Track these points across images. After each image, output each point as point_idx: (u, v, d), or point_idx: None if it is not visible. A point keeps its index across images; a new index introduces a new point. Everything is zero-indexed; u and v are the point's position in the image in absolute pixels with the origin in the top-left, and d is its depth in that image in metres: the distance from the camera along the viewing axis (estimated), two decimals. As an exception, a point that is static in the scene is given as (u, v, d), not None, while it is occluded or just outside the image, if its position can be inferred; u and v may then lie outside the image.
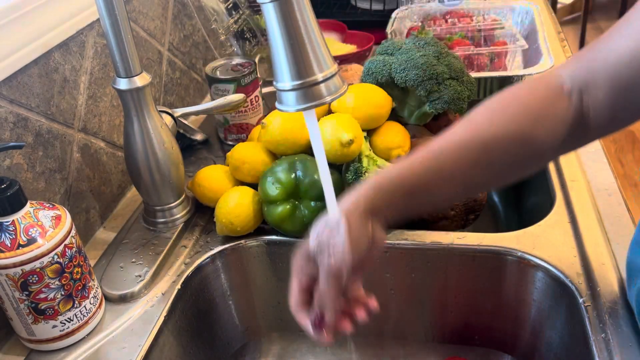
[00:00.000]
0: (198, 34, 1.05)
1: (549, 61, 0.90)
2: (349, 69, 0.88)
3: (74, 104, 0.71)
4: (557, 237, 0.66)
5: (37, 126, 0.65)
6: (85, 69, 0.73)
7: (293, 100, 0.47)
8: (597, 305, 0.58)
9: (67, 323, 0.58)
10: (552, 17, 1.25)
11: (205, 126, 0.98)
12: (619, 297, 0.58)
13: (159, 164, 0.69)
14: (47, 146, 0.66)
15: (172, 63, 0.95)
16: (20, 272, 0.53)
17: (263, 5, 0.45)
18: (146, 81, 0.65)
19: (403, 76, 0.75)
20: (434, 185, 0.50)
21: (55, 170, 0.68)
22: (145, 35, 0.87)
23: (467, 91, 0.76)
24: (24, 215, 0.54)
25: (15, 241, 0.53)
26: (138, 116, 0.66)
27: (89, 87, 0.74)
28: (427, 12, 1.13)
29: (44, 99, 0.66)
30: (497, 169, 0.51)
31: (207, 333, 0.72)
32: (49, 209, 0.57)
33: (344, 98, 0.75)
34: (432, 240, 0.69)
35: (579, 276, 0.61)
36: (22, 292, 0.54)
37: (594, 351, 0.54)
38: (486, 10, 1.11)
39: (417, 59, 0.74)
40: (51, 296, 0.56)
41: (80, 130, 0.72)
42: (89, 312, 0.60)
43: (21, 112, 0.62)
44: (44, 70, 0.65)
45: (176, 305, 0.65)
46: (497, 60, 0.97)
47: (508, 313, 0.70)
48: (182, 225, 0.73)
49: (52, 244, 0.54)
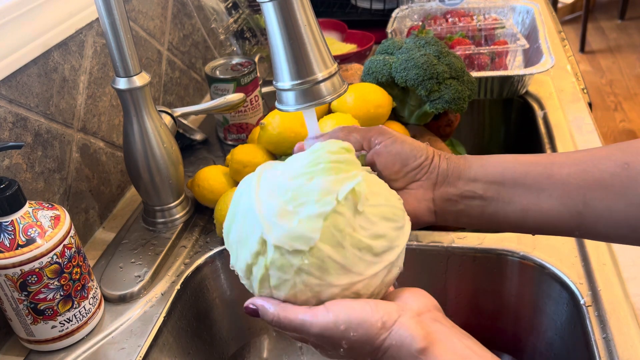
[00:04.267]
0: (198, 34, 1.04)
1: (549, 61, 0.89)
2: (349, 69, 0.88)
3: (73, 104, 0.71)
4: (558, 238, 0.66)
5: (36, 126, 0.64)
6: (84, 68, 0.73)
7: (293, 100, 0.47)
8: (598, 306, 0.57)
9: (66, 323, 0.58)
10: (553, 17, 1.25)
11: (204, 126, 0.98)
12: (621, 297, 0.58)
13: (159, 164, 0.69)
14: (46, 146, 0.66)
15: (172, 63, 0.95)
16: (20, 272, 0.53)
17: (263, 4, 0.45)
18: (145, 81, 0.65)
19: (403, 76, 0.74)
20: (539, 188, 0.43)
21: (54, 170, 0.68)
22: (145, 34, 0.87)
23: (468, 91, 0.76)
24: (23, 215, 0.54)
25: (14, 241, 0.52)
26: (137, 116, 0.66)
27: (88, 87, 0.74)
28: (427, 11, 1.13)
29: (43, 98, 0.65)
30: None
31: (206, 333, 0.72)
32: (48, 209, 0.56)
33: (344, 97, 0.74)
34: (432, 240, 0.68)
35: (579, 277, 0.61)
36: (21, 293, 0.54)
37: (595, 352, 0.54)
38: (487, 10, 1.11)
39: (417, 59, 0.74)
40: (50, 296, 0.55)
41: (79, 130, 0.72)
42: (88, 312, 0.60)
43: (20, 111, 0.62)
44: (43, 70, 0.65)
45: (176, 306, 0.65)
46: (497, 60, 0.97)
47: (508, 314, 0.70)
48: (182, 226, 0.73)
49: (51, 244, 0.54)
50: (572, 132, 0.84)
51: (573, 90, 0.96)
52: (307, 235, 0.39)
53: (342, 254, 0.40)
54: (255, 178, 0.44)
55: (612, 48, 3.26)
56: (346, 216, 0.40)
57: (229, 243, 0.45)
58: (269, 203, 0.41)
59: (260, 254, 0.41)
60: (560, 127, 0.86)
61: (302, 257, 0.39)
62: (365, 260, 0.41)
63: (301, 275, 0.40)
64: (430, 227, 0.73)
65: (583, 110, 0.90)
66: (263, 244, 0.41)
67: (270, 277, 0.41)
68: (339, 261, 0.40)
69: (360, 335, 0.39)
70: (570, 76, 1.00)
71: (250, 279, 0.43)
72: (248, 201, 0.42)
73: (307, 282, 0.40)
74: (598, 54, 3.21)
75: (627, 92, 2.86)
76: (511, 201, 0.45)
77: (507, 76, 0.90)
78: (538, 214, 0.44)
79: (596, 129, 0.84)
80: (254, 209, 0.42)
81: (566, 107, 0.91)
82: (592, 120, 0.87)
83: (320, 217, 0.40)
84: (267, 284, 0.42)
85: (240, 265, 0.43)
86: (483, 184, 0.46)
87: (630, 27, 3.47)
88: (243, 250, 0.42)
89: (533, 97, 0.95)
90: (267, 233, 0.40)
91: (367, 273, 0.41)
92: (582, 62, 3.12)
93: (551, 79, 0.99)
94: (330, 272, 0.40)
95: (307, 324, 0.40)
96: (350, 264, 0.40)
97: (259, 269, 0.41)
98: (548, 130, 0.86)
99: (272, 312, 0.41)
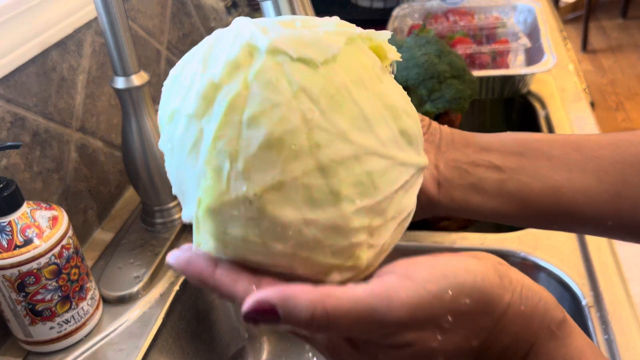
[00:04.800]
0: (197, 33, 1.04)
1: (551, 60, 0.89)
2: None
3: (71, 104, 0.70)
4: (559, 238, 0.66)
5: (34, 126, 0.64)
6: (83, 68, 0.72)
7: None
8: (600, 307, 0.57)
9: (64, 324, 0.57)
10: (555, 15, 1.24)
11: (204, 125, 0.98)
12: (623, 298, 0.57)
13: (158, 164, 0.68)
14: (44, 146, 0.66)
15: (171, 62, 0.95)
16: (17, 273, 0.52)
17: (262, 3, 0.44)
18: (144, 80, 0.64)
19: (404, 75, 0.74)
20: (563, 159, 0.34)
21: (52, 170, 0.67)
22: (144, 33, 0.87)
23: (469, 90, 0.75)
24: (21, 215, 0.53)
25: (12, 242, 0.52)
26: (136, 115, 0.65)
27: (87, 86, 0.73)
28: (428, 10, 1.12)
29: (41, 98, 0.65)
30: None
31: (206, 334, 0.72)
32: (46, 209, 0.56)
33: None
34: (433, 241, 0.68)
35: (581, 277, 0.60)
36: (19, 294, 0.54)
37: (597, 353, 0.53)
38: (488, 9, 1.10)
39: (418, 58, 0.74)
40: (48, 297, 0.55)
41: (78, 130, 0.72)
42: (86, 313, 0.59)
43: (18, 111, 0.62)
44: (41, 69, 0.65)
45: (175, 307, 0.65)
46: (499, 59, 0.97)
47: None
48: (181, 226, 0.73)
49: (49, 245, 0.53)
50: (574, 131, 0.84)
51: (575, 90, 0.95)
52: (325, 42, 0.26)
53: (365, 98, 0.26)
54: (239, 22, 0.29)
55: (613, 47, 3.25)
56: (371, 56, 0.28)
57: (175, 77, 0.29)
58: (272, 24, 0.27)
59: (238, 66, 0.25)
60: (562, 126, 0.85)
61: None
62: (389, 126, 0.27)
63: (301, 100, 0.24)
64: (430, 225, 0.72)
65: (585, 109, 0.89)
66: (248, 55, 0.26)
67: (248, 102, 0.25)
68: (360, 103, 0.26)
69: (477, 299, 0.24)
70: (572, 75, 1.00)
71: (199, 115, 0.26)
72: (232, 30, 0.28)
73: (307, 117, 0.24)
74: (599, 54, 3.21)
75: (629, 92, 2.85)
76: (537, 175, 0.35)
77: (509, 75, 0.90)
78: (572, 192, 0.34)
79: (598, 129, 0.84)
80: (240, 27, 0.27)
81: (568, 106, 0.91)
82: (594, 120, 0.86)
83: (343, 34, 0.27)
84: (237, 116, 0.25)
85: (191, 97, 0.26)
86: (499, 154, 0.36)
87: (632, 26, 3.47)
88: (209, 66, 0.26)
89: (534, 96, 0.94)
90: (258, 36, 0.26)
91: (393, 153, 0.27)
92: (583, 61, 3.11)
93: (553, 78, 0.99)
94: (345, 114, 0.25)
95: (383, 308, 0.23)
96: (374, 120, 0.26)
97: (229, 89, 0.25)
98: (550, 130, 0.86)
99: (308, 305, 0.23)
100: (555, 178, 0.35)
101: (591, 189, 0.34)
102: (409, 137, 0.28)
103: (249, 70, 0.25)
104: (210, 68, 0.26)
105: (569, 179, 0.34)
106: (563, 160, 0.35)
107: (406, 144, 0.28)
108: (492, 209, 0.36)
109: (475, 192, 0.36)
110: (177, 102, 0.27)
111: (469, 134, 0.38)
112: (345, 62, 0.26)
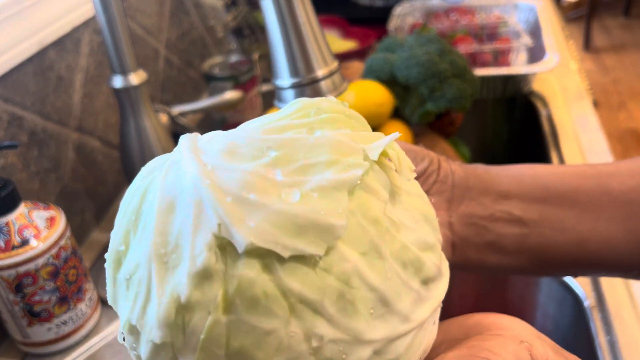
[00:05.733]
0: (195, 31, 1.03)
1: (553, 59, 0.89)
2: (349, 67, 0.87)
3: (69, 103, 0.70)
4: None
5: (32, 125, 0.64)
6: (80, 66, 0.72)
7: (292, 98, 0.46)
8: (602, 308, 0.56)
9: (62, 326, 0.57)
10: (557, 14, 1.24)
11: (202, 124, 0.97)
12: (625, 299, 0.57)
13: (157, 164, 0.68)
14: (42, 145, 0.65)
15: (169, 60, 0.94)
16: (15, 273, 0.52)
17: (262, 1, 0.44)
18: (143, 79, 0.64)
19: (405, 74, 0.73)
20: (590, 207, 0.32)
21: (50, 170, 0.67)
22: (142, 32, 0.86)
23: (471, 89, 0.75)
24: (19, 216, 0.53)
25: (10, 242, 0.52)
26: (134, 114, 0.65)
27: (85, 85, 0.73)
28: (429, 8, 1.12)
29: (38, 97, 0.65)
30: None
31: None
32: (44, 209, 0.56)
33: (344, 96, 0.74)
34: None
35: (583, 278, 0.60)
36: (16, 294, 0.53)
37: (599, 354, 0.53)
38: (490, 7, 1.10)
39: (419, 57, 0.73)
40: (46, 298, 0.55)
41: (75, 130, 0.71)
42: (84, 314, 0.59)
43: (16, 110, 0.61)
44: (39, 68, 0.64)
45: (174, 307, 0.64)
46: (500, 58, 0.96)
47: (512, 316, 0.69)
48: (180, 226, 0.72)
49: (46, 246, 0.53)
50: (577, 131, 0.83)
51: (577, 89, 0.95)
52: (324, 222, 0.19)
53: (381, 271, 0.21)
54: (183, 146, 0.23)
55: (616, 46, 3.24)
56: (381, 197, 0.22)
57: (120, 272, 0.24)
58: (231, 169, 0.21)
59: (210, 276, 0.19)
60: (564, 126, 0.85)
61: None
62: (411, 289, 0.22)
63: (301, 316, 0.19)
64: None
65: (588, 108, 0.89)
66: (220, 255, 0.20)
67: (231, 330, 0.19)
68: (375, 284, 0.20)
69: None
70: (574, 74, 0.99)
71: (167, 346, 0.20)
72: (175, 177, 0.22)
73: (313, 335, 0.20)
74: (602, 52, 3.20)
75: (632, 91, 2.84)
76: (563, 227, 0.32)
77: (510, 74, 0.90)
78: (597, 245, 0.32)
79: (601, 128, 0.83)
80: (196, 180, 0.21)
81: (570, 105, 0.90)
82: (597, 119, 0.86)
83: (343, 187, 0.21)
84: (219, 349, 0.19)
85: (151, 313, 0.20)
86: (520, 202, 0.33)
87: (634, 25, 3.46)
88: (168, 273, 0.20)
89: (537, 95, 0.94)
90: (231, 223, 0.19)
91: (416, 317, 0.22)
92: (586, 60, 3.10)
93: (555, 77, 0.98)
94: (359, 311, 0.20)
95: None
96: (393, 293, 0.21)
97: (201, 313, 0.19)
98: (552, 129, 0.85)
99: None
100: (580, 229, 0.32)
101: (617, 239, 0.32)
102: (432, 279, 0.24)
103: (226, 282, 0.19)
104: (154, 292, 0.20)
105: (594, 229, 0.32)
106: (589, 207, 0.32)
107: (428, 289, 0.24)
108: (510, 267, 0.34)
109: (493, 251, 0.33)
110: (128, 308, 0.22)
111: (484, 173, 0.34)
112: (351, 231, 0.20)
